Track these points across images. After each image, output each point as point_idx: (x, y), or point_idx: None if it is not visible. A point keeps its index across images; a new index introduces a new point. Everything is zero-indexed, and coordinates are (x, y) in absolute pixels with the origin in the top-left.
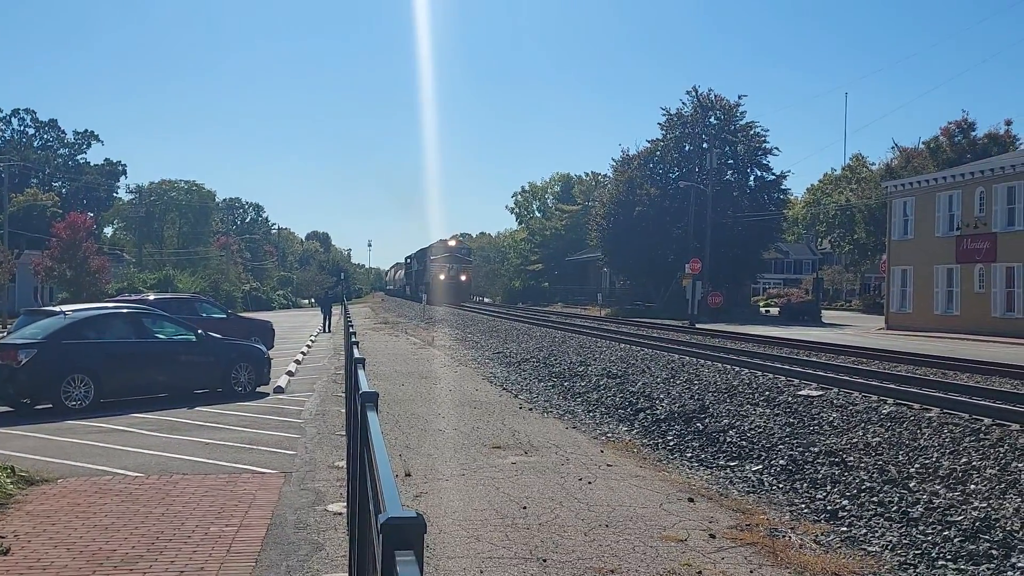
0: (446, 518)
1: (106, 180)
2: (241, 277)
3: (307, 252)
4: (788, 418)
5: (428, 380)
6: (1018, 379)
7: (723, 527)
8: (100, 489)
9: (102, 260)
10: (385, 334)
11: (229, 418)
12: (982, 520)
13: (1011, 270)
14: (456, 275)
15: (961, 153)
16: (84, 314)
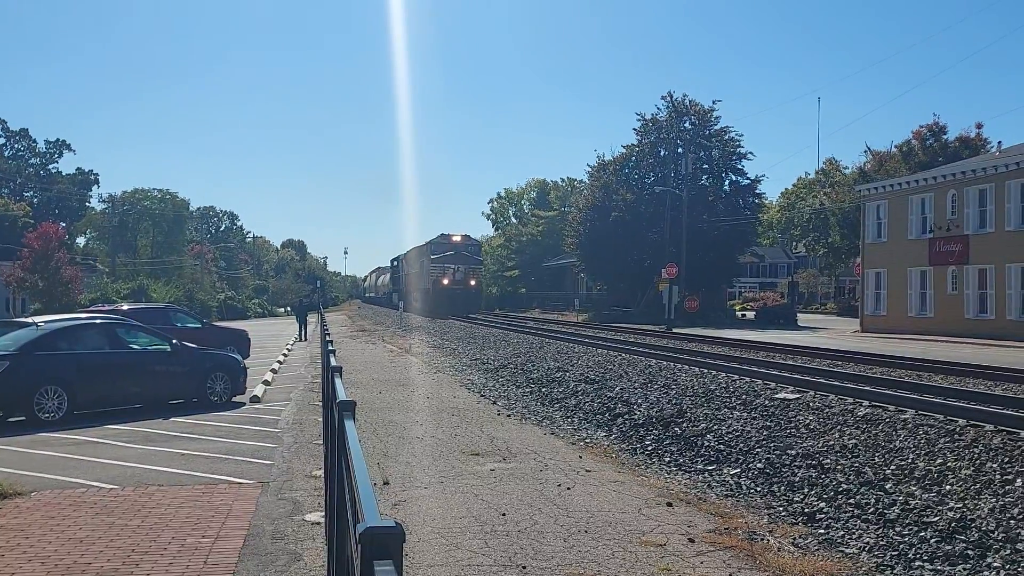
0: (425, 526)
1: (78, 190)
2: (216, 286)
3: (283, 260)
4: (765, 421)
5: (406, 387)
6: (991, 380)
7: (702, 531)
8: (75, 502)
9: (75, 270)
10: (362, 342)
11: (205, 428)
12: (958, 521)
13: (983, 272)
14: (463, 279)
15: (933, 156)
16: (57, 325)
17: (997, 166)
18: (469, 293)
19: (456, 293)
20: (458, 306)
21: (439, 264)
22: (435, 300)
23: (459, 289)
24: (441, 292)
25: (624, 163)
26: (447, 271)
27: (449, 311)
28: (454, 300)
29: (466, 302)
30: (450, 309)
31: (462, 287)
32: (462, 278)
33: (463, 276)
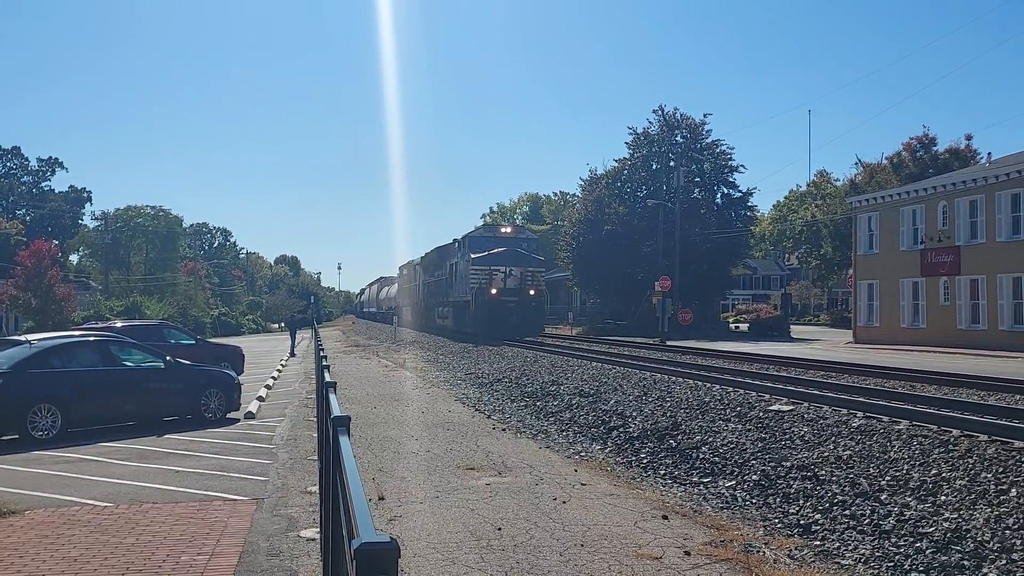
0: (420, 541)
1: (71, 207)
2: (210, 302)
3: (276, 276)
4: (760, 433)
5: (400, 402)
6: (985, 390)
7: (698, 544)
8: (68, 520)
9: (68, 288)
10: (356, 357)
11: (199, 445)
12: (953, 531)
13: (975, 282)
14: (520, 287)
15: (923, 168)
16: (50, 343)
17: (987, 177)
18: (528, 306)
19: (510, 306)
20: (513, 324)
21: (484, 266)
22: (479, 316)
23: (514, 301)
24: (488, 305)
25: (616, 177)
26: (496, 275)
27: (500, 331)
28: (506, 316)
29: (525, 318)
30: (501, 328)
31: (519, 298)
32: (518, 285)
33: (520, 283)
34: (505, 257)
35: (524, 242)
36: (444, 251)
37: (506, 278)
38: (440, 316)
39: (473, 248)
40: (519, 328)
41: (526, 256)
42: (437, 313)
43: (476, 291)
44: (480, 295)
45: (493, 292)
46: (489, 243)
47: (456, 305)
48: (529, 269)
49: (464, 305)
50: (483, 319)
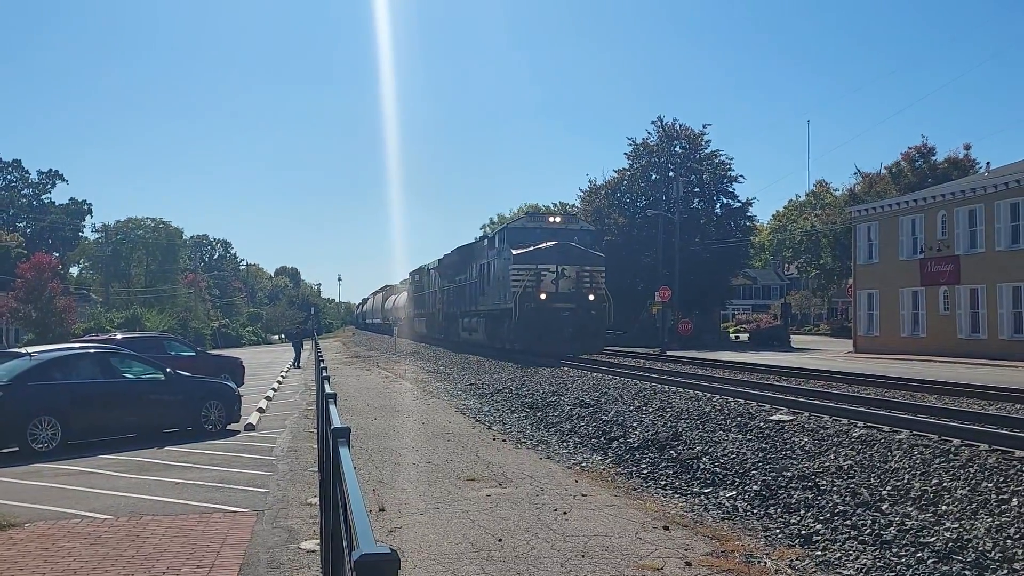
0: (421, 552)
1: (71, 220)
2: (210, 314)
3: (276, 287)
4: (760, 443)
5: (400, 414)
6: (985, 400)
7: (699, 554)
8: (69, 532)
9: (68, 300)
10: (357, 368)
11: (200, 457)
12: (954, 541)
13: (975, 291)
14: (577, 291)
15: (922, 177)
16: (50, 355)
17: (986, 186)
18: (587, 315)
19: (563, 315)
20: (567, 337)
21: (528, 265)
22: (523, 327)
23: (569, 309)
24: (536, 314)
25: (616, 187)
26: (545, 276)
27: (550, 346)
28: (558, 327)
29: (583, 330)
30: (551, 342)
31: (575, 304)
32: (573, 288)
33: (576, 285)
34: (556, 253)
35: (579, 234)
36: (469, 251)
37: (558, 279)
38: (466, 328)
39: (514, 242)
40: (575, 342)
41: (583, 251)
42: (461, 325)
43: (519, 296)
44: (525, 301)
45: (542, 297)
46: (534, 236)
47: (490, 315)
48: (587, 268)
49: (502, 315)
50: (528, 331)
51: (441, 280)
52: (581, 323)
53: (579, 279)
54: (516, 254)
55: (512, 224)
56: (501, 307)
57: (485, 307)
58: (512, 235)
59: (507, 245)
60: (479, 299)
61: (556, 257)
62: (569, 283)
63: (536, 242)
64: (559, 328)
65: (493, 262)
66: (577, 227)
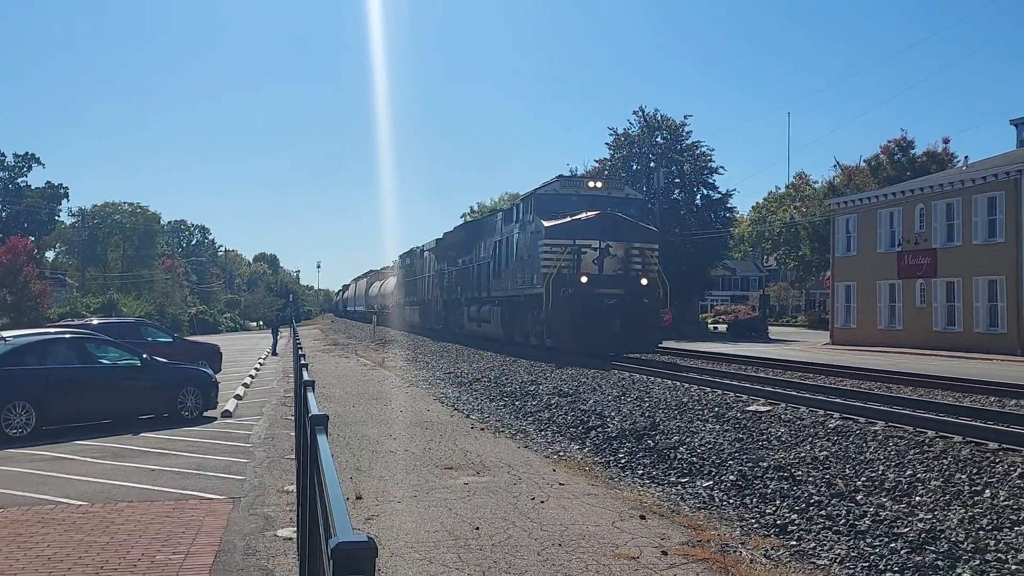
0: (398, 540)
1: (47, 203)
2: (187, 300)
3: (255, 274)
4: (737, 434)
5: (379, 401)
6: (960, 392)
7: (675, 544)
8: (43, 519)
9: (44, 285)
10: (335, 356)
11: (176, 443)
12: (928, 531)
13: (951, 285)
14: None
15: (901, 171)
16: (25, 340)
17: (964, 180)
18: (639, 304)
19: (609, 303)
20: (614, 331)
21: (565, 240)
22: (560, 318)
23: (617, 296)
24: (575, 300)
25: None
26: (586, 254)
27: (593, 342)
28: (603, 318)
29: (633, 322)
30: (594, 337)
31: (623, 290)
32: (621, 270)
33: (625, 265)
34: (600, 225)
35: (625, 203)
36: (477, 227)
37: (602, 258)
38: (473, 318)
39: (544, 211)
40: (624, 338)
41: (633, 224)
42: (467, 314)
43: (553, 279)
44: (560, 285)
45: (583, 281)
46: (569, 204)
47: (509, 303)
48: (636, 245)
49: (527, 302)
50: (565, 324)
51: (439, 263)
52: (631, 313)
53: (628, 258)
54: (549, 226)
55: (542, 190)
56: (525, 293)
57: (500, 293)
58: (542, 203)
59: (536, 216)
60: (491, 283)
61: (600, 230)
62: (616, 263)
63: (572, 211)
64: (604, 320)
65: (514, 237)
66: (622, 194)
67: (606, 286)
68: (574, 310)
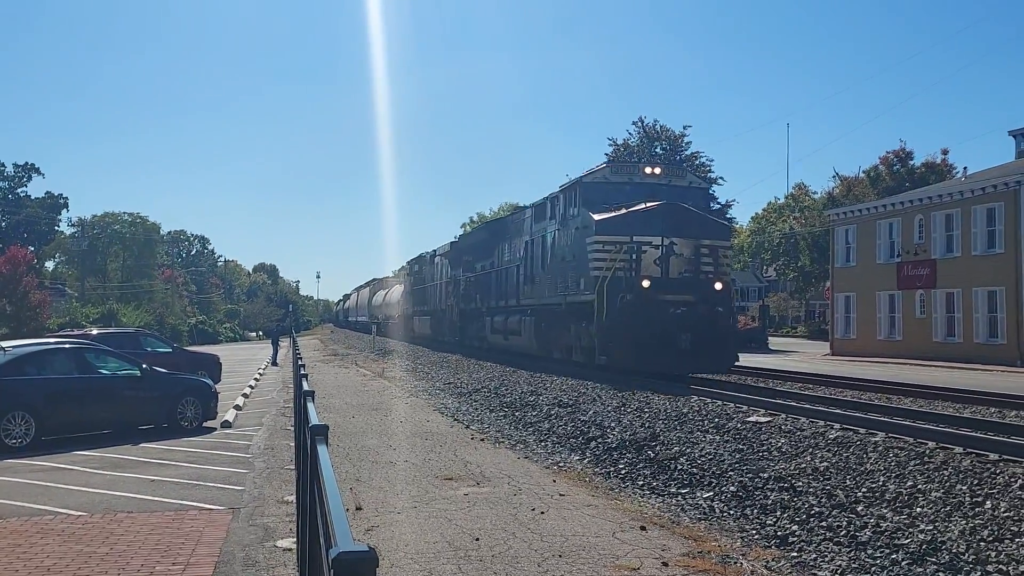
0: (398, 551)
1: (47, 213)
2: (187, 310)
3: (254, 284)
4: (737, 444)
5: (379, 412)
6: (960, 403)
7: (675, 555)
8: (42, 529)
9: (43, 295)
10: (335, 366)
11: (175, 454)
12: (928, 543)
13: (951, 295)
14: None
15: (900, 181)
16: (24, 350)
17: (963, 191)
18: (712, 314)
19: (676, 312)
20: (683, 346)
21: (621, 237)
22: (616, 328)
23: (685, 304)
24: (639, 308)
25: None
26: (647, 253)
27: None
28: (671, 330)
29: (705, 335)
30: (658, 353)
31: (695, 297)
32: (690, 272)
33: (694, 267)
34: (664, 218)
35: (689, 194)
36: (500, 227)
37: (667, 258)
38: (498, 330)
39: (594, 203)
40: (694, 354)
41: (702, 217)
42: (491, 325)
43: (607, 284)
44: (616, 290)
45: (645, 285)
46: (622, 194)
47: (546, 312)
48: (706, 242)
49: (571, 312)
50: (624, 337)
51: (453, 269)
52: (704, 324)
53: (697, 258)
54: (600, 220)
55: (589, 177)
56: (568, 300)
57: (533, 301)
58: (589, 193)
59: (583, 208)
60: (522, 290)
61: (663, 224)
62: (683, 264)
63: (629, 202)
64: (671, 332)
65: (552, 235)
66: (684, 182)
67: (673, 291)
68: (634, 321)
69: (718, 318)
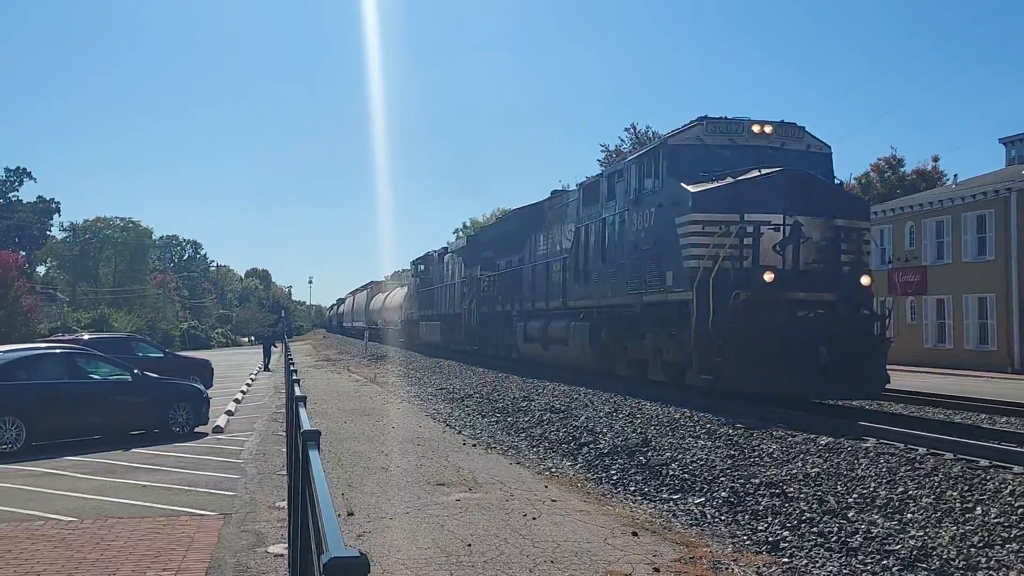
0: (390, 557)
1: (39, 218)
2: (179, 315)
3: (247, 289)
4: (729, 450)
5: (371, 417)
6: (950, 409)
7: (667, 560)
8: (32, 535)
9: (35, 299)
10: (327, 372)
11: (166, 459)
12: (919, 549)
13: (941, 302)
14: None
15: (891, 188)
16: (15, 355)
17: (953, 198)
18: (857, 317)
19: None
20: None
21: (726, 214)
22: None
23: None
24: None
25: None
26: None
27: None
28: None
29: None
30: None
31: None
32: (828, 261)
33: (831, 256)
34: (788, 189)
35: (811, 160)
36: (534, 214)
37: (795, 243)
38: (536, 338)
39: (683, 172)
40: (835, 373)
41: (836, 191)
42: (523, 332)
43: (714, 278)
44: (725, 286)
45: (767, 280)
46: (722, 159)
47: (611, 316)
48: (841, 223)
49: (650, 315)
50: (739, 349)
51: (468, 267)
52: (847, 333)
53: (834, 244)
54: (698, 193)
55: (676, 138)
56: (647, 300)
57: (589, 301)
58: (679, 158)
59: (669, 178)
60: (571, 289)
61: (786, 198)
62: (814, 251)
63: (735, 169)
64: (804, 343)
65: (617, 218)
66: (802, 145)
67: (804, 288)
68: (753, 327)
69: (865, 325)
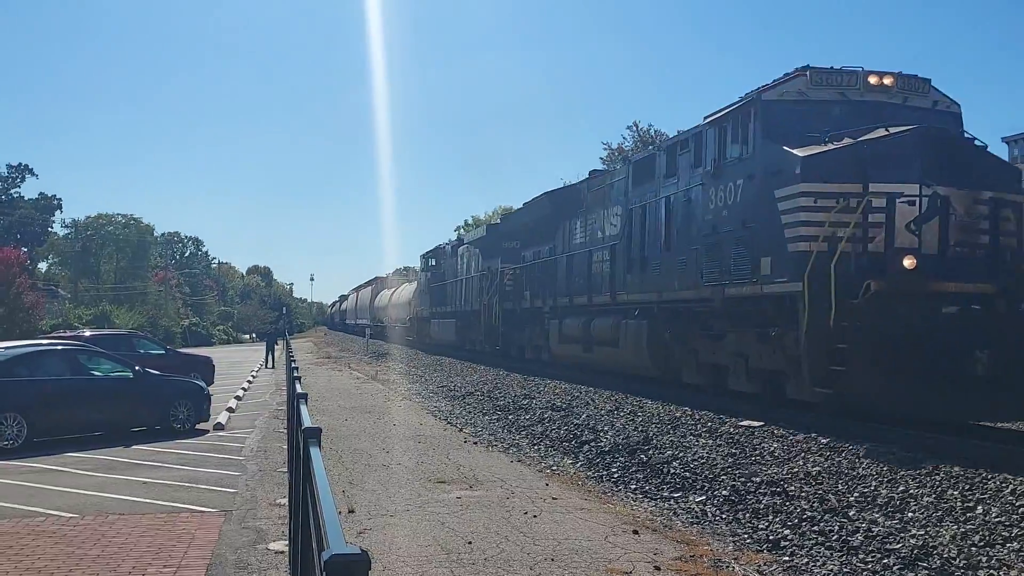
0: (391, 554)
1: (41, 214)
2: (180, 312)
3: (248, 286)
4: (730, 448)
5: (372, 415)
6: None
7: (668, 559)
8: (33, 531)
9: (36, 296)
10: (328, 369)
11: (167, 456)
12: (920, 547)
13: None
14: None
15: None
16: (16, 351)
17: None
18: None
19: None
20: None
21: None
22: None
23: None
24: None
25: None
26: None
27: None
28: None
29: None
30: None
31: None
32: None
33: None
34: (924, 151)
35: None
36: (568, 197)
37: (939, 220)
38: (575, 338)
39: (782, 134)
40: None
41: (985, 155)
42: (557, 332)
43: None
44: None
45: (907, 265)
46: (831, 119)
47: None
48: (993, 196)
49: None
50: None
51: (487, 259)
52: (1010, 335)
53: (991, 222)
54: (808, 157)
55: (771, 92)
56: (730, 294)
57: (647, 295)
58: (776, 117)
59: (764, 139)
60: (622, 280)
61: (925, 163)
62: (965, 231)
63: (847, 129)
64: (954, 348)
65: (684, 196)
66: (928, 103)
67: (955, 278)
68: (890, 328)
69: None
